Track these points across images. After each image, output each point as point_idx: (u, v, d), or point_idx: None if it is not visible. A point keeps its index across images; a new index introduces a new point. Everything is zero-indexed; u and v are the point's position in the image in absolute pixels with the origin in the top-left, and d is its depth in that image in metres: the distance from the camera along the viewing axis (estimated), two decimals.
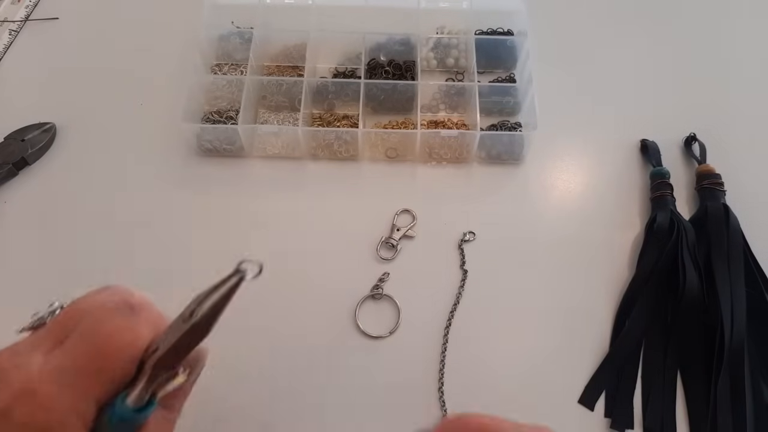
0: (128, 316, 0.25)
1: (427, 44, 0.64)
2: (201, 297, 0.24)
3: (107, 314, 0.25)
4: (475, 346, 0.48)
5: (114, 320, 0.25)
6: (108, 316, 0.25)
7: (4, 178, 0.55)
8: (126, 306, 0.26)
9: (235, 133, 0.55)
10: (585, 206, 0.56)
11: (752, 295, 0.48)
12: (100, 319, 0.25)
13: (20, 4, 0.71)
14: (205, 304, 0.24)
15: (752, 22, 0.70)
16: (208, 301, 0.24)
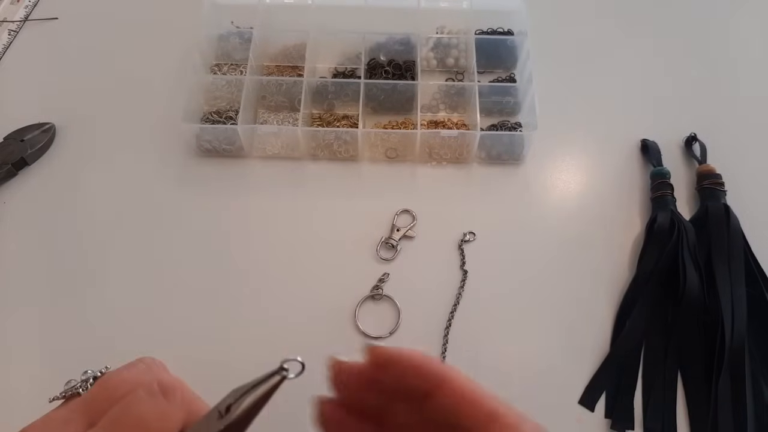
0: (160, 400, 0.25)
1: (427, 44, 0.64)
2: (239, 392, 0.23)
3: (138, 398, 0.25)
4: (475, 346, 0.48)
5: (145, 405, 0.24)
6: (139, 400, 0.25)
7: (3, 178, 0.55)
8: (158, 389, 0.25)
9: (235, 133, 0.55)
10: (585, 206, 0.56)
11: (752, 295, 0.48)
12: (131, 403, 0.24)
13: (20, 4, 0.70)
14: (244, 403, 0.23)
15: (753, 22, 0.70)
16: (246, 399, 0.23)
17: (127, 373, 0.27)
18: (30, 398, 0.45)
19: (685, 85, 0.64)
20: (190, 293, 0.50)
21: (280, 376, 0.23)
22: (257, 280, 0.51)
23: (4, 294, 0.50)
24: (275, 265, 0.51)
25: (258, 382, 0.23)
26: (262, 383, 0.23)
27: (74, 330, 0.48)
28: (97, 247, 0.52)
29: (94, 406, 0.25)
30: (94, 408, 0.25)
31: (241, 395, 0.23)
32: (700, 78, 0.65)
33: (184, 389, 0.26)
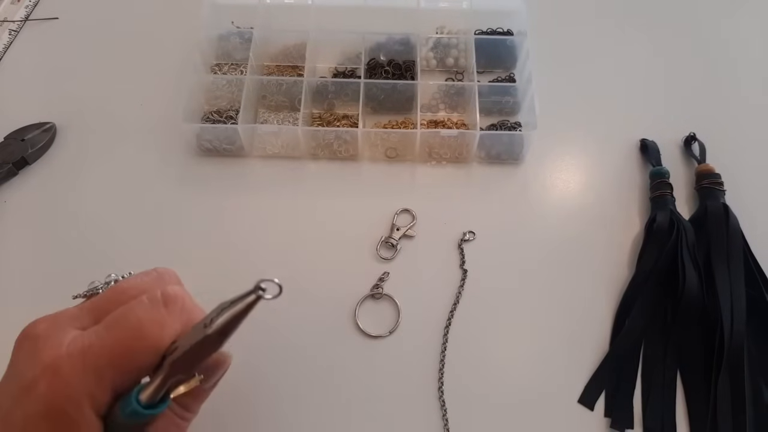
0: (159, 308, 0.26)
1: (426, 44, 0.64)
2: (222, 306, 0.25)
3: (140, 304, 0.26)
4: (474, 345, 0.48)
5: (145, 311, 0.25)
6: (140, 305, 0.26)
7: (4, 177, 0.55)
8: (160, 297, 0.26)
9: (235, 133, 0.55)
10: (585, 206, 0.56)
11: (752, 295, 0.48)
12: (133, 307, 0.26)
13: (20, 4, 0.71)
14: (221, 318, 0.24)
15: (752, 22, 0.70)
16: (224, 314, 0.24)
17: (140, 279, 0.28)
18: None
19: (685, 85, 0.64)
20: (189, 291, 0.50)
21: (256, 296, 0.24)
22: (257, 279, 0.51)
23: (4, 294, 0.50)
24: (275, 264, 0.51)
25: (236, 299, 0.25)
26: (240, 301, 0.24)
27: None
28: (98, 246, 0.52)
29: (102, 307, 0.27)
30: (102, 308, 0.26)
31: (221, 310, 0.24)
32: (700, 78, 0.65)
33: (185, 301, 0.27)
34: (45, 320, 0.26)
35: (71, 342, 0.24)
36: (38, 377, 0.23)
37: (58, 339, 0.24)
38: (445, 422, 0.44)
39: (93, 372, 0.24)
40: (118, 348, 0.24)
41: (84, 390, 0.23)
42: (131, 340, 0.25)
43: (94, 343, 0.24)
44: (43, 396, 0.23)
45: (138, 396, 0.24)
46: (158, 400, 0.25)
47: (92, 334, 0.25)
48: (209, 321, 0.24)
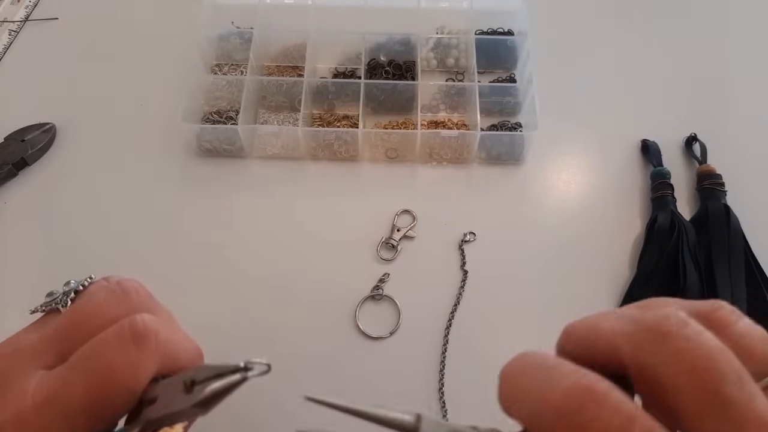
0: (129, 348, 0.23)
1: (427, 44, 0.64)
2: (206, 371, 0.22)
3: (107, 344, 0.23)
4: (475, 346, 0.48)
5: (114, 352, 0.23)
6: (107, 346, 0.23)
7: (3, 178, 0.55)
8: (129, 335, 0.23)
9: (235, 134, 0.55)
10: (585, 206, 0.56)
11: (752, 295, 0.48)
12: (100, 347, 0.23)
13: (20, 4, 0.70)
14: (207, 388, 0.22)
15: (753, 22, 0.70)
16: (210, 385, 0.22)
17: (104, 301, 0.25)
18: None
19: (686, 86, 0.64)
20: (189, 293, 0.50)
21: (241, 376, 0.22)
22: (257, 280, 0.51)
23: (4, 294, 0.50)
24: (275, 265, 0.51)
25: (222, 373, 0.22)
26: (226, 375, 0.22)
27: None
28: (98, 247, 0.52)
29: (65, 338, 0.24)
30: (65, 340, 0.24)
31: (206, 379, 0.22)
32: (701, 78, 0.65)
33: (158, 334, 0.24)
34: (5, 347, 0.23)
35: (36, 389, 0.22)
36: (4, 425, 0.21)
37: (21, 384, 0.22)
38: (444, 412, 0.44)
39: (63, 422, 0.22)
40: (88, 395, 0.22)
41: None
42: (102, 386, 0.22)
43: (60, 391, 0.22)
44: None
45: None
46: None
47: (58, 379, 0.22)
48: (190, 383, 0.22)
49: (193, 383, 0.22)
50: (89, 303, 0.25)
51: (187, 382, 0.22)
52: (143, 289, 0.27)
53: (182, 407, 0.22)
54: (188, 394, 0.22)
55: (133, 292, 0.26)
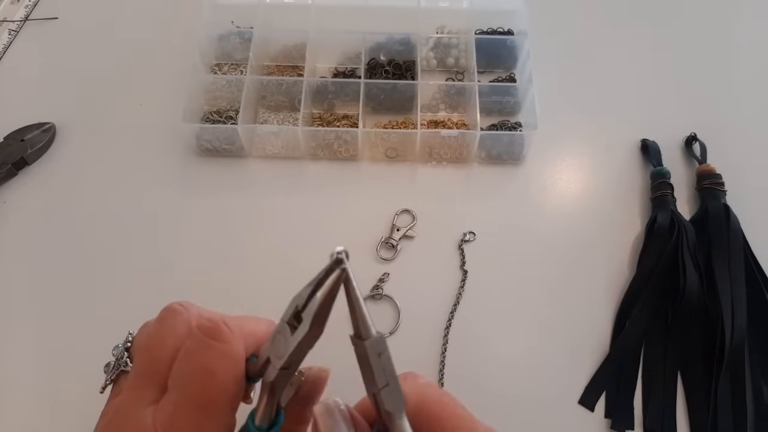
0: (214, 344, 0.24)
1: (427, 44, 0.64)
2: (301, 298, 0.24)
3: (190, 351, 0.24)
4: (475, 346, 0.48)
5: (204, 354, 0.24)
6: (192, 352, 0.24)
7: (3, 178, 0.55)
8: (207, 334, 0.25)
9: (235, 133, 0.55)
10: (585, 206, 0.56)
11: (752, 295, 0.48)
12: (187, 358, 0.24)
13: (20, 4, 0.70)
14: (311, 307, 0.23)
15: (753, 22, 0.70)
16: (313, 303, 0.23)
17: (160, 326, 0.26)
18: (30, 396, 0.45)
19: (686, 86, 0.64)
20: (189, 292, 0.50)
21: (340, 270, 0.23)
22: (257, 280, 0.51)
23: (5, 294, 0.50)
24: (275, 265, 0.51)
25: (317, 283, 0.23)
26: (322, 282, 0.23)
27: (74, 330, 0.48)
28: (98, 247, 0.52)
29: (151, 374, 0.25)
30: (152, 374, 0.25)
31: (306, 301, 0.23)
32: (701, 78, 0.65)
33: (226, 321, 0.26)
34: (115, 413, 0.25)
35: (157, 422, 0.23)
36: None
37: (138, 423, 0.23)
38: None
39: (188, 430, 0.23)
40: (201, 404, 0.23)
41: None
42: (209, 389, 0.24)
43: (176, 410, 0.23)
44: None
45: (254, 424, 0.24)
46: (274, 416, 0.24)
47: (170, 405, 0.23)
48: (293, 317, 0.23)
49: (297, 316, 0.23)
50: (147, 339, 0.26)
51: (290, 322, 0.24)
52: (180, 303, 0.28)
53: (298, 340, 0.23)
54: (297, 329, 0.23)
55: (177, 306, 0.28)
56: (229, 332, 0.25)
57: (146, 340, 0.26)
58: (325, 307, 0.23)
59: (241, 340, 0.25)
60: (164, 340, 0.25)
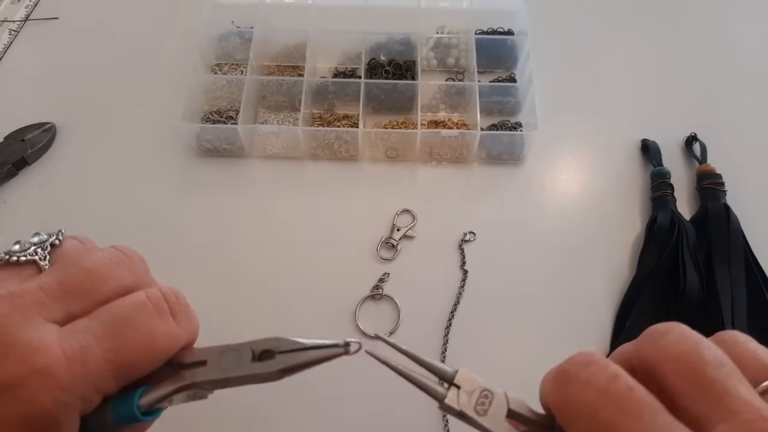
0: (169, 319, 0.24)
1: (427, 44, 0.64)
2: (284, 344, 0.23)
3: (146, 310, 0.23)
4: (475, 346, 0.48)
5: (156, 321, 0.23)
6: (147, 313, 0.23)
7: (3, 178, 0.55)
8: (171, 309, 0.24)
9: (235, 133, 0.55)
10: (585, 206, 0.56)
11: (752, 295, 0.48)
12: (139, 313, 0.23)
13: (20, 4, 0.70)
14: (296, 357, 0.23)
15: (753, 22, 0.70)
16: (301, 356, 0.23)
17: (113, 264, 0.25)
18: None
19: (686, 85, 0.64)
20: (188, 292, 0.50)
21: (343, 350, 0.23)
22: (257, 280, 0.51)
23: None
24: (275, 265, 0.51)
25: (312, 346, 0.23)
26: (319, 348, 0.23)
27: None
28: None
29: (75, 296, 0.23)
30: (75, 298, 0.23)
31: (291, 350, 0.23)
32: (701, 78, 0.65)
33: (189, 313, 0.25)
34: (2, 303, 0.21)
35: (65, 341, 0.21)
36: (24, 378, 0.20)
37: (31, 334, 0.20)
38: (446, 423, 0.44)
39: (93, 379, 0.21)
40: (124, 357, 0.22)
41: (78, 396, 0.21)
42: (141, 352, 0.22)
43: (93, 347, 0.21)
44: (29, 400, 0.20)
45: (138, 400, 0.23)
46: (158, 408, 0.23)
47: (88, 335, 0.21)
48: (260, 352, 0.23)
49: (266, 353, 0.23)
50: (96, 264, 0.24)
51: (255, 352, 0.23)
52: (140, 256, 0.27)
53: (257, 371, 0.23)
54: (263, 362, 0.23)
55: (137, 260, 0.26)
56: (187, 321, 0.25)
57: (92, 265, 0.24)
58: (306, 366, 0.23)
59: (188, 335, 0.25)
60: (111, 279, 0.24)
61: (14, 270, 0.24)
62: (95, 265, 0.24)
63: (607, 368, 0.19)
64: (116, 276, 0.24)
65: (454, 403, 0.22)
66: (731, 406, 0.16)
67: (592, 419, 0.18)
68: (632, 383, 0.18)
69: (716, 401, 0.17)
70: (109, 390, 0.22)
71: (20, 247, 0.25)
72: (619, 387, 0.18)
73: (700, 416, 0.17)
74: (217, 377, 0.23)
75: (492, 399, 0.23)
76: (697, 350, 0.18)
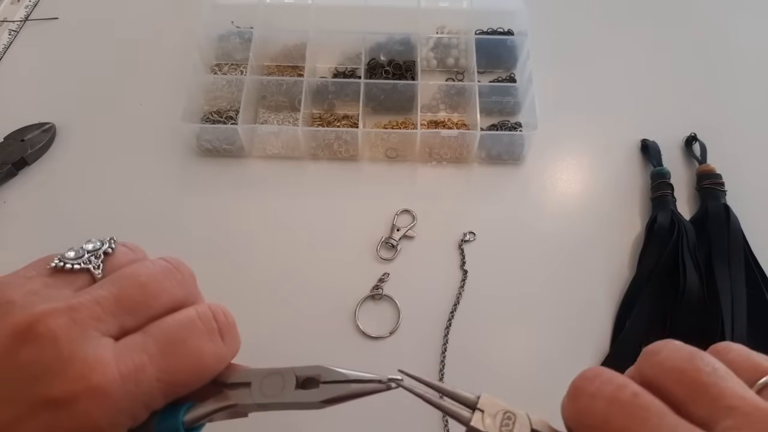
0: (218, 340, 0.24)
1: (427, 44, 0.64)
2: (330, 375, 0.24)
3: (197, 330, 0.23)
4: (475, 346, 0.48)
5: (206, 341, 0.23)
6: (198, 333, 0.23)
7: (3, 178, 0.55)
8: (221, 329, 0.24)
9: (235, 133, 0.55)
10: (585, 206, 0.56)
11: (752, 295, 0.48)
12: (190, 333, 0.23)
13: (20, 4, 0.70)
14: (338, 389, 0.23)
15: (753, 22, 0.70)
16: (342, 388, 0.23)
17: (164, 279, 0.25)
18: None
19: (685, 85, 0.64)
20: None
21: (385, 387, 0.24)
22: (257, 280, 0.51)
23: None
24: (275, 265, 0.51)
25: (356, 380, 0.24)
26: (362, 382, 0.24)
27: None
28: None
29: (128, 311, 0.23)
30: (129, 313, 0.23)
31: (334, 381, 0.24)
32: (700, 78, 0.65)
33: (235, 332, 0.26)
34: (58, 314, 0.21)
35: (120, 360, 0.21)
36: (80, 395, 0.20)
37: (94, 350, 0.21)
38: (446, 423, 0.44)
39: (144, 398, 0.21)
40: (175, 378, 0.22)
41: (129, 414, 0.21)
42: (191, 372, 0.23)
43: (148, 368, 0.21)
44: (83, 417, 0.20)
45: (183, 416, 0.23)
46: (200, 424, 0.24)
47: (143, 355, 0.22)
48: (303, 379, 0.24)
49: (309, 380, 0.24)
50: (149, 278, 0.24)
51: (299, 378, 0.24)
52: (189, 269, 0.28)
53: (300, 400, 0.24)
54: (306, 390, 0.24)
55: (187, 275, 0.27)
56: (234, 341, 0.25)
57: (146, 279, 0.24)
58: (347, 399, 0.24)
59: (234, 353, 0.25)
60: (163, 294, 0.24)
61: (68, 278, 0.24)
62: (149, 279, 0.24)
63: (613, 379, 0.20)
64: (168, 291, 0.25)
65: (480, 425, 0.23)
66: (729, 404, 0.17)
67: (604, 428, 0.19)
68: (638, 390, 0.19)
69: (715, 401, 0.18)
70: (157, 407, 0.23)
71: (75, 254, 0.26)
72: (626, 395, 0.19)
73: (704, 417, 0.18)
74: (261, 402, 0.24)
75: (515, 420, 0.23)
76: (691, 360, 0.20)
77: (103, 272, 0.25)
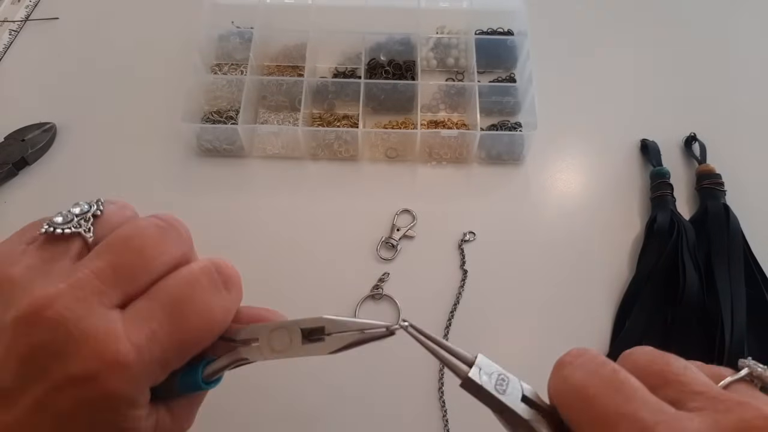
0: (222, 293, 0.24)
1: (427, 44, 0.64)
2: (336, 325, 0.24)
3: (201, 287, 0.23)
4: (474, 346, 0.47)
5: (212, 296, 0.24)
6: (203, 289, 0.23)
7: (4, 178, 0.55)
8: (224, 281, 0.24)
9: (235, 133, 0.55)
10: (585, 206, 0.56)
11: (752, 295, 0.48)
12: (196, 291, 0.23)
13: (20, 4, 0.71)
14: (345, 337, 0.24)
15: (753, 22, 0.70)
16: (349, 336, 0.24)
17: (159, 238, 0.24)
18: None
19: (685, 85, 0.64)
20: None
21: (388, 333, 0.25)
22: (257, 280, 0.50)
23: None
24: (275, 265, 0.51)
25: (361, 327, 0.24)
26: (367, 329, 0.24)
27: None
28: None
29: (129, 278, 0.22)
30: (130, 279, 0.22)
31: (341, 330, 0.24)
32: (700, 77, 0.65)
33: (239, 283, 0.26)
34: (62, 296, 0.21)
35: (130, 331, 0.21)
36: (98, 371, 0.20)
37: (103, 324, 0.21)
38: (446, 423, 0.44)
39: (160, 361, 0.22)
40: (186, 337, 0.23)
41: (148, 377, 0.22)
42: (202, 329, 0.23)
43: (157, 332, 0.22)
44: (104, 388, 0.20)
45: (202, 372, 0.24)
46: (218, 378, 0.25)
47: (153, 322, 0.22)
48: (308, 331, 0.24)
49: (314, 332, 0.24)
50: (145, 241, 0.24)
51: (305, 331, 0.24)
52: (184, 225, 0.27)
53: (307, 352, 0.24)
54: (313, 343, 0.24)
55: (183, 231, 0.27)
56: (238, 291, 0.25)
57: (142, 243, 0.24)
58: (352, 347, 0.24)
59: (238, 303, 0.26)
60: (161, 255, 0.24)
61: (60, 245, 0.24)
62: (144, 242, 0.24)
63: (596, 357, 0.22)
64: (166, 251, 0.24)
65: (477, 378, 0.24)
66: (696, 389, 0.19)
67: (582, 395, 0.20)
68: (618, 368, 0.21)
69: (683, 386, 0.20)
70: (174, 367, 0.23)
71: (63, 219, 0.25)
72: (606, 370, 0.21)
73: (672, 399, 0.19)
74: (270, 357, 0.24)
75: (509, 382, 0.25)
76: (661, 357, 0.21)
77: (95, 235, 0.25)
